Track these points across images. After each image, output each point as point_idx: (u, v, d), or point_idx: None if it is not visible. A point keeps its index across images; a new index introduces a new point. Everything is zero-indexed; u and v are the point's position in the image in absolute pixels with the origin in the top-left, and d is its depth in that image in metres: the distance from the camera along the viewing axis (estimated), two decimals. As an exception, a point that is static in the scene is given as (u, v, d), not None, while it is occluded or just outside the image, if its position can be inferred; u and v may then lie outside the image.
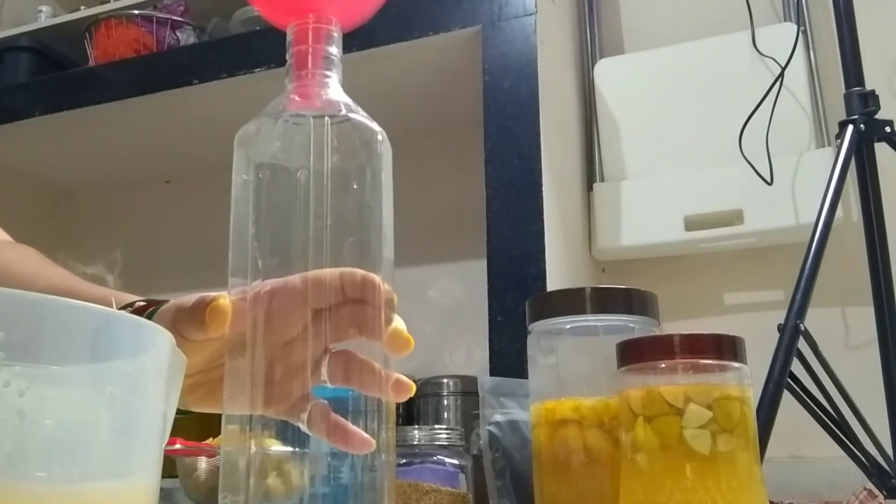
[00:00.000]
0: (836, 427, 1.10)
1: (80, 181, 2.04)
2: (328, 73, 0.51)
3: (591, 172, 1.60)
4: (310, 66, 0.51)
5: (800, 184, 1.41)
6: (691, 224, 1.46)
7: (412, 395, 0.50)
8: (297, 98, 0.50)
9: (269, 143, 0.49)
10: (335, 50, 0.52)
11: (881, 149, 1.24)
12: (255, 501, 0.46)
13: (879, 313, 1.20)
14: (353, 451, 0.47)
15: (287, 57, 0.52)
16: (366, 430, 0.47)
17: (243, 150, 0.50)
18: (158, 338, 0.37)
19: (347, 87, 0.52)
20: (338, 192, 0.48)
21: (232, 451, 0.47)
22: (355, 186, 0.49)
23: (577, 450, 0.63)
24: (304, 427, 0.48)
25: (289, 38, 0.52)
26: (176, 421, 0.50)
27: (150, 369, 0.36)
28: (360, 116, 0.50)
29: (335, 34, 0.52)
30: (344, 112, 0.50)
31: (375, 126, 0.51)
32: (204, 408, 0.53)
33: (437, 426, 0.96)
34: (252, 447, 0.47)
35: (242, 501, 0.46)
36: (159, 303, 0.53)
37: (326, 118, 0.49)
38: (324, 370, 0.49)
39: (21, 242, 0.80)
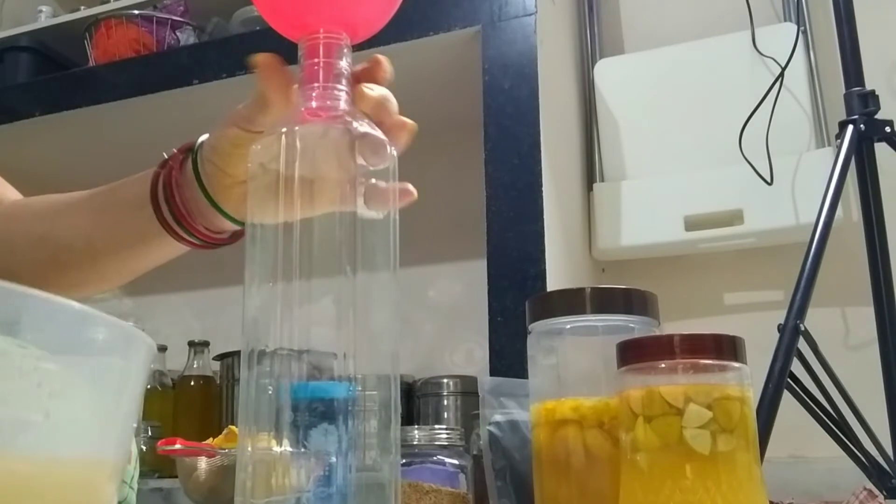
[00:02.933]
0: (836, 427, 1.10)
1: (80, 181, 2.03)
2: (339, 86, 0.52)
3: (591, 172, 1.60)
4: (321, 80, 0.52)
5: (800, 184, 1.41)
6: (691, 224, 1.46)
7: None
8: (309, 112, 0.52)
9: (283, 156, 0.50)
10: (345, 63, 0.53)
11: (881, 149, 1.24)
12: (257, 501, 0.46)
13: (879, 313, 1.20)
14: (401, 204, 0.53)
15: (298, 71, 0.53)
16: (371, 431, 0.48)
17: (259, 162, 0.51)
18: (136, 339, 0.37)
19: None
20: (349, 201, 0.50)
21: (239, 452, 0.47)
22: (365, 195, 0.51)
23: (577, 450, 0.63)
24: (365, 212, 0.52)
25: (300, 52, 0.53)
26: (176, 421, 0.50)
27: (131, 368, 0.37)
28: (370, 128, 0.52)
29: (345, 48, 0.53)
30: (354, 125, 0.51)
31: (384, 137, 0.52)
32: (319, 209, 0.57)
33: (437, 426, 0.96)
34: (253, 447, 0.47)
35: (243, 502, 0.46)
36: (192, 143, 0.65)
37: (338, 131, 0.51)
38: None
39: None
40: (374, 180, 0.51)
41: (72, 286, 0.74)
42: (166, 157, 0.69)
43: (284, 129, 0.50)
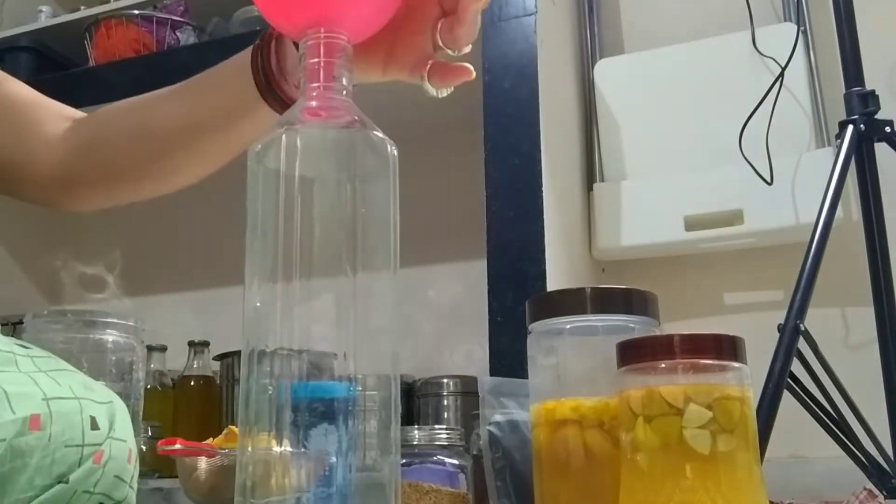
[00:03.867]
0: (836, 427, 1.10)
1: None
2: (339, 85, 0.52)
3: (591, 172, 1.60)
4: (322, 79, 0.52)
5: (800, 184, 1.41)
6: (691, 224, 1.46)
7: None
8: (310, 111, 0.52)
9: (284, 155, 0.50)
10: (346, 62, 0.53)
11: (881, 149, 1.24)
12: (256, 502, 0.46)
13: (879, 313, 1.20)
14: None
15: (300, 70, 0.53)
16: (370, 430, 0.48)
17: (257, 161, 0.51)
18: None
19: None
20: (350, 200, 0.50)
21: (239, 452, 0.47)
22: (367, 195, 0.51)
23: (577, 450, 0.63)
24: (428, 86, 0.63)
25: (301, 51, 0.53)
26: (176, 421, 0.50)
27: None
28: (371, 128, 0.52)
29: (346, 47, 0.53)
30: (356, 124, 0.51)
31: (385, 137, 0.52)
32: (390, 72, 0.67)
33: (437, 426, 0.96)
34: (253, 447, 0.47)
35: (243, 502, 0.46)
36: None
37: (339, 130, 0.51)
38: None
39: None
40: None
41: (176, 172, 0.78)
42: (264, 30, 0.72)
43: (285, 129, 0.50)
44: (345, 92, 0.52)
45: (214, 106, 0.75)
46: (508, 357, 1.17)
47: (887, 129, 1.23)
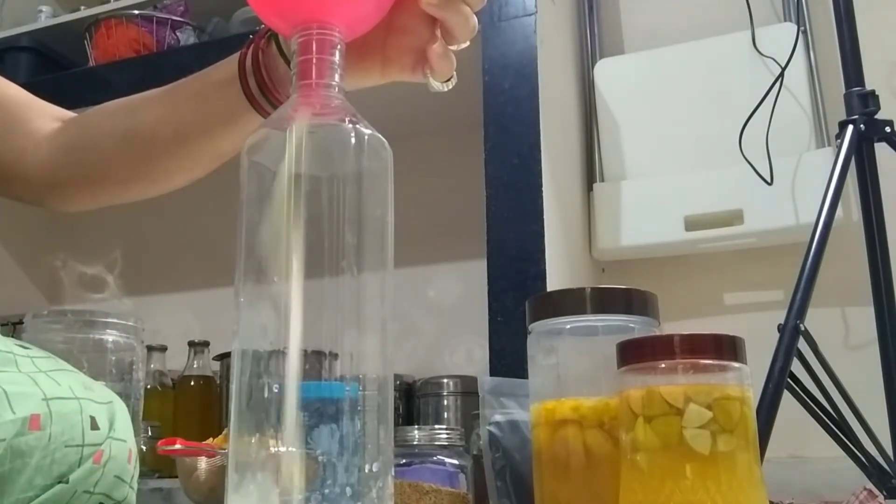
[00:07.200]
0: (836, 427, 1.10)
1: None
2: (332, 83, 0.52)
3: (591, 172, 1.60)
4: (314, 76, 0.51)
5: (800, 184, 1.41)
6: (691, 224, 1.46)
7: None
8: (302, 108, 0.51)
9: (277, 153, 0.50)
10: (339, 59, 0.52)
11: (881, 149, 1.24)
12: (256, 501, 0.46)
13: (879, 313, 1.20)
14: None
15: (292, 66, 0.53)
16: (364, 430, 0.48)
17: (250, 159, 0.51)
18: None
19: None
20: (345, 198, 0.49)
21: (234, 451, 0.47)
22: (361, 193, 0.50)
23: (577, 450, 0.63)
24: (432, 82, 0.63)
25: (293, 47, 0.53)
26: (176, 421, 0.50)
27: None
28: (365, 126, 0.51)
29: (339, 44, 0.53)
30: (348, 122, 0.51)
31: (379, 135, 0.52)
32: (389, 74, 0.66)
33: (437, 426, 0.96)
34: (253, 447, 0.47)
35: (241, 501, 0.46)
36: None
37: (332, 127, 0.50)
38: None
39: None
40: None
41: (164, 175, 0.77)
42: (251, 37, 0.71)
43: (278, 126, 0.50)
44: (337, 89, 0.52)
45: (202, 113, 0.74)
46: (508, 357, 1.17)
47: (887, 129, 1.23)
